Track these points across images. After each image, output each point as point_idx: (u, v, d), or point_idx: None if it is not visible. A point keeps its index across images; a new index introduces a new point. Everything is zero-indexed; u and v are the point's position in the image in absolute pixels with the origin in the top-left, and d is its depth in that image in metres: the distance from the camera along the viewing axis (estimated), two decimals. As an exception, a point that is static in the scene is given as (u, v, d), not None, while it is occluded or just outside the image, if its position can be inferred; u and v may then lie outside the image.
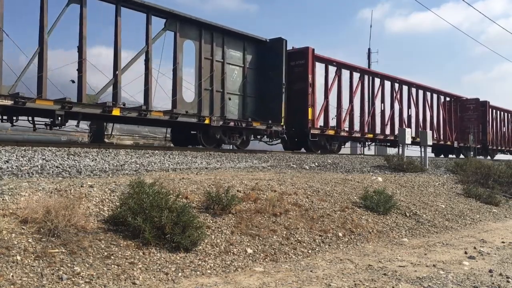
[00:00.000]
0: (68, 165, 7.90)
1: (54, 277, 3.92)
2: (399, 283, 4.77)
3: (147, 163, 9.31)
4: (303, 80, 17.46)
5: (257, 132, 16.14)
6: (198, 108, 14.25)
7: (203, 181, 7.31)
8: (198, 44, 14.32)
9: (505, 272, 5.38)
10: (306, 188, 8.34)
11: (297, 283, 4.57)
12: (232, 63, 15.58)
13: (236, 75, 15.83)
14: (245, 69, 16.06)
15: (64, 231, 4.53)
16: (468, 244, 7.13)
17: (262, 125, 15.69)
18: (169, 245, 5.00)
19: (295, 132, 17.65)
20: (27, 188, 5.33)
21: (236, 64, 15.78)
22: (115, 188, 5.99)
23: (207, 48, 14.63)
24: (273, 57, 16.38)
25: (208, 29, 14.60)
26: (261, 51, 16.64)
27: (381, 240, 7.07)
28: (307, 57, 17.54)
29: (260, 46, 16.60)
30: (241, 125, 15.03)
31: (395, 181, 11.28)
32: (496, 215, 10.61)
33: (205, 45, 14.51)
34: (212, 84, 14.67)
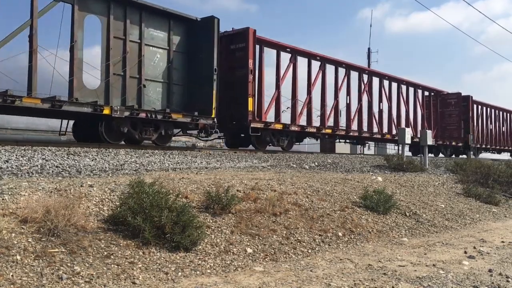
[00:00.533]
0: (68, 164, 7.90)
1: (54, 276, 3.92)
2: (399, 282, 4.77)
3: (147, 162, 9.31)
4: (244, 66, 15.31)
5: (180, 125, 13.78)
6: (105, 97, 11.98)
7: (203, 180, 7.31)
8: (106, 20, 12.07)
9: (504, 272, 5.38)
10: (306, 187, 8.34)
11: (297, 283, 4.57)
12: (153, 44, 13.22)
13: (159, 59, 13.43)
14: (170, 52, 13.65)
15: (64, 230, 4.53)
16: (468, 243, 7.13)
17: (186, 117, 13.24)
18: (169, 245, 5.00)
19: (236, 126, 15.62)
20: (27, 188, 5.33)
21: (159, 46, 13.41)
22: (115, 188, 5.99)
23: (118, 25, 12.33)
24: (205, 39, 14.00)
25: (120, 4, 12.35)
26: (192, 32, 14.19)
27: (381, 240, 7.07)
28: (247, 40, 15.34)
29: (190, 26, 14.19)
30: (155, 117, 12.49)
31: (395, 180, 11.28)
32: (496, 214, 10.61)
33: (116, 22, 12.24)
34: (124, 69, 12.33)
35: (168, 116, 12.76)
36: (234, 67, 15.65)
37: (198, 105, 13.84)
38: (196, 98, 14.02)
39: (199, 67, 14.05)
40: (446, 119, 28.56)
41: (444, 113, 28.54)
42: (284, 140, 17.05)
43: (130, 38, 12.51)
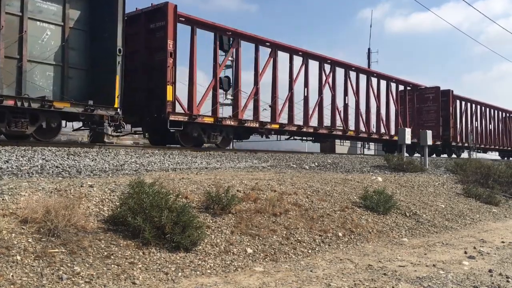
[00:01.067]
0: (68, 165, 7.90)
1: (54, 277, 3.92)
2: (399, 283, 4.77)
3: (147, 163, 9.31)
4: (163, 49, 13.01)
5: (69, 117, 11.33)
6: None
7: (203, 181, 7.31)
8: None
9: (504, 272, 5.38)
10: (306, 188, 8.34)
11: (297, 283, 4.57)
12: (42, 19, 10.77)
13: (50, 36, 10.99)
14: (66, 29, 11.19)
15: (64, 231, 4.53)
16: (468, 244, 7.13)
17: (76, 107, 10.73)
18: (169, 245, 5.00)
19: (157, 119, 13.26)
20: (27, 188, 5.33)
21: (51, 21, 10.94)
22: (115, 188, 5.99)
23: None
24: (109, 14, 11.64)
25: None
26: (96, 7, 11.78)
27: (381, 240, 7.07)
28: (166, 17, 12.95)
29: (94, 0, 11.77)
30: (29, 105, 9.96)
31: (395, 181, 11.29)
32: (496, 215, 10.62)
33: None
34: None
35: (48, 104, 10.23)
36: (153, 50, 13.34)
37: (103, 93, 11.53)
38: (101, 85, 11.63)
39: (104, 48, 11.67)
40: (424, 116, 25.93)
41: (422, 109, 25.95)
42: (217, 136, 14.57)
43: (6, 9, 10.05)
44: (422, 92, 26.26)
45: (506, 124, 35.49)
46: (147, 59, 13.48)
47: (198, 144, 14.28)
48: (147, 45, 13.52)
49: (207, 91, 14.50)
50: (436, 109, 25.80)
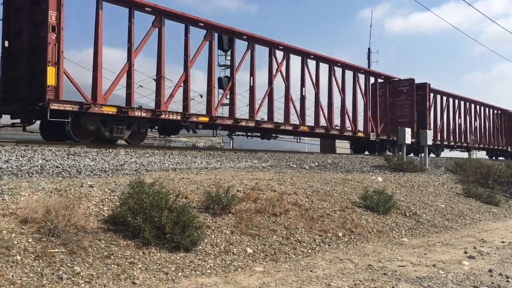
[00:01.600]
0: (68, 165, 7.90)
1: (54, 277, 3.92)
2: (399, 283, 4.77)
3: (147, 163, 9.31)
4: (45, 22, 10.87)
5: None
6: None
7: (203, 181, 7.31)
8: None
9: (504, 272, 5.38)
10: (306, 188, 8.34)
11: (297, 283, 4.57)
12: None
13: None
14: None
15: (64, 231, 4.53)
16: (468, 244, 7.13)
17: None
18: (169, 245, 5.00)
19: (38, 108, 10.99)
20: (27, 188, 5.33)
21: None
22: (115, 188, 5.99)
23: None
24: None
25: None
26: None
27: (381, 240, 7.07)
28: None
29: None
30: None
31: (395, 181, 11.28)
32: (496, 215, 10.61)
33: None
34: None
35: None
36: (37, 26, 11.31)
37: None
38: None
39: None
40: (398, 111, 23.41)
41: (395, 103, 23.42)
42: (123, 130, 12.34)
43: None
44: (395, 84, 23.60)
45: (494, 121, 33.71)
46: (31, 37, 11.34)
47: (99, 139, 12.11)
48: (32, 20, 11.35)
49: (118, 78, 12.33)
50: (410, 104, 23.22)
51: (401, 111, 23.41)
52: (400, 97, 23.48)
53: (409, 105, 23.24)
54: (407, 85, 23.56)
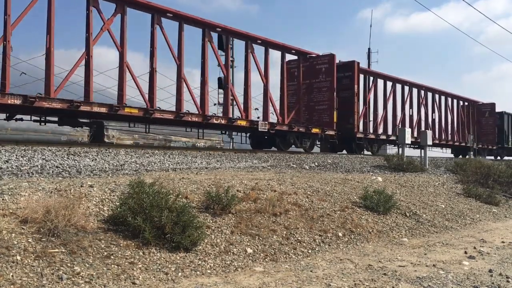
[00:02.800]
0: (68, 165, 7.90)
1: (54, 277, 3.92)
2: (399, 283, 4.77)
3: (147, 163, 9.31)
4: None
5: None
6: None
7: (203, 181, 7.31)
8: None
9: (505, 272, 5.38)
10: (306, 188, 8.34)
11: (297, 283, 4.57)
12: None
13: None
14: None
15: (64, 231, 4.53)
16: (468, 244, 7.13)
17: None
18: (169, 245, 5.00)
19: None
20: (27, 188, 5.33)
21: None
22: (115, 188, 5.99)
23: None
24: None
25: None
26: None
27: (381, 240, 7.07)
28: None
29: None
30: None
31: (395, 181, 11.28)
32: (496, 215, 10.61)
33: None
34: None
35: None
36: None
37: None
38: None
39: None
40: (315, 95, 18.36)
41: (312, 86, 18.46)
42: None
43: None
44: (313, 62, 18.44)
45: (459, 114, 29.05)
46: None
47: None
48: None
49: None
50: (329, 87, 17.92)
51: (319, 95, 18.40)
52: (318, 78, 18.30)
53: (328, 88, 17.93)
54: (326, 63, 18.16)
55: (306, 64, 18.57)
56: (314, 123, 18.02)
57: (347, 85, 19.47)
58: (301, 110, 18.32)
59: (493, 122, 31.85)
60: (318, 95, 18.46)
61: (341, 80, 19.25)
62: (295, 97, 18.50)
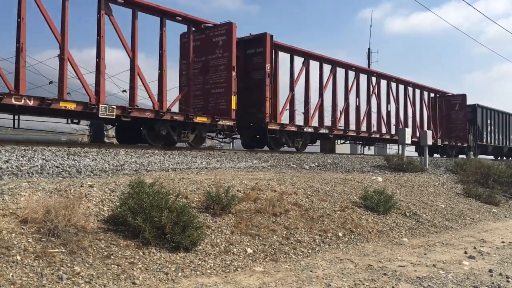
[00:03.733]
0: (68, 165, 7.91)
1: (54, 277, 3.92)
2: (399, 283, 4.77)
3: (147, 163, 9.31)
4: None
5: None
6: None
7: (203, 181, 7.31)
8: None
9: (505, 272, 5.38)
10: (306, 188, 8.34)
11: (297, 283, 4.57)
12: None
13: None
14: None
15: (64, 231, 4.53)
16: (468, 244, 7.13)
17: None
18: (169, 245, 5.00)
19: None
20: (27, 188, 5.33)
21: None
22: (115, 188, 5.99)
23: None
24: None
25: None
26: None
27: (381, 240, 7.07)
28: None
29: None
30: None
31: (395, 181, 11.28)
32: (496, 215, 10.62)
33: None
34: None
35: None
36: None
37: None
38: None
39: None
40: (211, 76, 14.61)
41: (208, 64, 14.61)
42: None
43: None
44: (209, 34, 14.55)
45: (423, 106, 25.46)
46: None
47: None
48: None
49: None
50: (227, 64, 13.98)
51: (216, 76, 14.52)
52: (215, 53, 14.50)
53: (226, 67, 14.15)
54: (223, 34, 14.28)
55: (201, 36, 14.72)
56: (210, 111, 14.22)
57: (258, 64, 15.60)
58: (191, 94, 14.22)
59: (463, 116, 27.68)
60: (215, 75, 14.58)
61: (252, 57, 15.81)
62: (184, 79, 14.73)
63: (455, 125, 27.74)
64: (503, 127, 31.42)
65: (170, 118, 12.68)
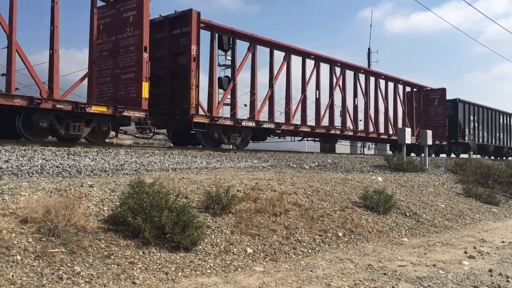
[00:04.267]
0: (68, 164, 7.90)
1: (54, 276, 3.92)
2: (399, 282, 4.77)
3: (147, 162, 9.31)
4: None
5: None
6: None
7: (203, 180, 7.31)
8: None
9: (505, 272, 5.38)
10: (306, 187, 8.34)
11: (297, 283, 4.57)
12: None
13: None
14: None
15: (64, 230, 4.53)
16: (468, 243, 7.13)
17: None
18: (169, 245, 5.00)
19: None
20: (27, 188, 5.33)
21: None
22: (115, 188, 5.99)
23: None
24: None
25: None
26: None
27: (381, 240, 7.07)
28: None
29: None
30: None
31: (395, 180, 11.28)
32: (496, 214, 10.61)
33: None
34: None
35: None
36: None
37: None
38: None
39: None
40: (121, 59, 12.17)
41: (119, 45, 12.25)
42: None
43: None
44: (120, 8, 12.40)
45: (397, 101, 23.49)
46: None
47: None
48: None
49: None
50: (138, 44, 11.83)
51: (126, 58, 12.11)
52: (125, 32, 12.16)
53: (136, 48, 11.85)
54: (133, 8, 12.06)
55: (111, 12, 12.55)
56: (120, 100, 11.95)
57: (184, 47, 13.58)
58: (94, 80, 12.34)
59: (443, 112, 25.58)
60: (125, 58, 12.17)
61: (178, 39, 13.90)
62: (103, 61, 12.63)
63: (433, 121, 25.41)
64: (488, 124, 29.66)
65: (52, 107, 10.34)
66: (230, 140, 15.03)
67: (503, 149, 31.79)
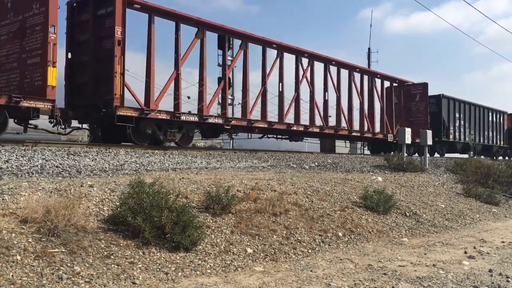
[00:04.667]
0: (68, 164, 7.90)
1: (54, 276, 3.92)
2: (399, 282, 4.77)
3: (147, 162, 9.31)
4: None
5: None
6: None
7: (203, 180, 7.31)
8: None
9: (505, 272, 5.38)
10: (306, 187, 8.34)
11: (297, 283, 4.57)
12: None
13: None
14: None
15: (64, 230, 4.53)
16: (468, 243, 7.13)
17: None
18: (169, 245, 5.00)
19: None
20: (27, 188, 5.33)
21: None
22: (115, 188, 5.99)
23: None
24: None
25: None
26: None
27: (381, 240, 7.07)
28: None
29: None
30: None
31: (395, 180, 11.28)
32: (496, 214, 10.61)
33: None
34: None
35: None
36: None
37: None
38: None
39: None
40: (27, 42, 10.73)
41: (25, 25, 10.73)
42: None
43: None
44: None
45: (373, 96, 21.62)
46: None
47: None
48: None
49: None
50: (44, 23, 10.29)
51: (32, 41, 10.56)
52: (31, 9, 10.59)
53: (42, 27, 10.29)
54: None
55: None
56: (26, 89, 10.47)
57: (109, 30, 11.95)
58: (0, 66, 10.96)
59: (424, 108, 23.68)
60: (32, 40, 10.58)
61: (104, 20, 12.16)
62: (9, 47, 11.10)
63: (415, 118, 23.57)
64: (475, 122, 27.90)
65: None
66: (167, 137, 13.28)
67: (492, 148, 30.34)
